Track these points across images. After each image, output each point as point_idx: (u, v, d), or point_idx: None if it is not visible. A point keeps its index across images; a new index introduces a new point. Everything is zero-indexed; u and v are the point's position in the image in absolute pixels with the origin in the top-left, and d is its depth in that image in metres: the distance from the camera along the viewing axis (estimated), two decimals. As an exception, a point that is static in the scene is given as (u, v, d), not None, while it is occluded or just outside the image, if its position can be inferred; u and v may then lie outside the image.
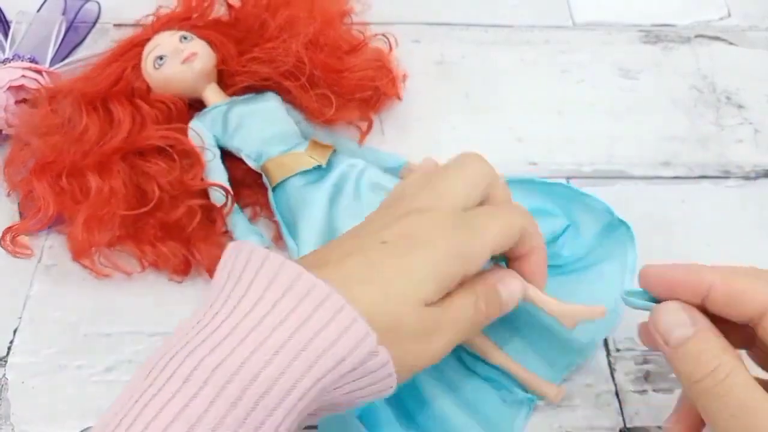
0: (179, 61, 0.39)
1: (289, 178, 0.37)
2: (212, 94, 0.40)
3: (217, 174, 0.38)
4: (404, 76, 0.44)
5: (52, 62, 0.44)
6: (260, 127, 0.39)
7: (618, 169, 0.43)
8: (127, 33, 0.44)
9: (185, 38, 0.40)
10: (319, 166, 0.38)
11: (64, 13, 0.46)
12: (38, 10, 0.47)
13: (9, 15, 0.46)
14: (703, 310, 0.25)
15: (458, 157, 0.31)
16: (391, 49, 0.44)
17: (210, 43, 0.41)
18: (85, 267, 0.37)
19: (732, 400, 0.23)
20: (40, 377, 0.34)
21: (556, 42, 0.48)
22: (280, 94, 0.41)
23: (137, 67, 0.41)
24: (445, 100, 0.45)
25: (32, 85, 0.41)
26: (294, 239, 0.37)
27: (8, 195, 0.40)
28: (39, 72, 0.42)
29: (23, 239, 0.38)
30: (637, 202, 0.41)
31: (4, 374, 0.34)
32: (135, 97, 0.40)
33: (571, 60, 0.47)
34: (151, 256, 0.37)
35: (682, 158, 0.43)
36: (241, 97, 0.41)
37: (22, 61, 0.43)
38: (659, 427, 0.33)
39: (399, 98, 0.43)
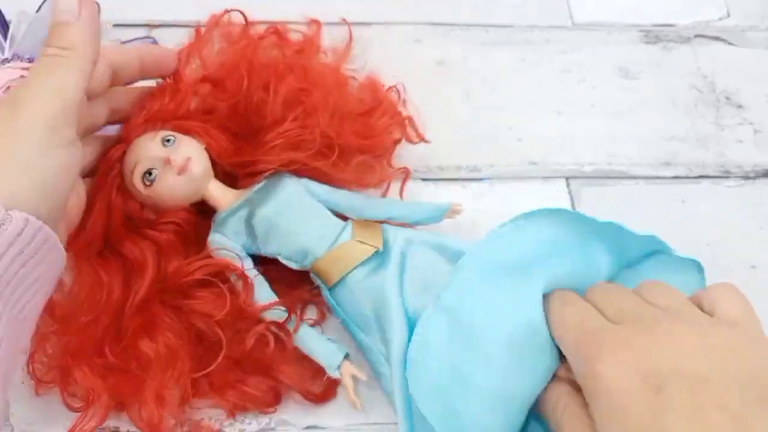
0: (174, 173, 0.33)
1: (348, 273, 0.34)
2: (217, 192, 0.35)
3: (262, 288, 0.34)
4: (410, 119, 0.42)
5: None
6: (295, 226, 0.34)
7: (618, 169, 0.43)
8: (127, 33, 0.44)
9: (168, 141, 0.34)
10: (377, 251, 0.34)
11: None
12: (37, 10, 0.47)
13: (8, 15, 0.46)
14: None
15: None
16: (399, 96, 0.42)
17: (195, 136, 0.35)
18: None
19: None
20: (40, 377, 0.34)
21: (556, 42, 0.48)
22: (293, 172, 0.36)
23: (121, 187, 0.34)
24: (445, 100, 0.45)
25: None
26: (367, 334, 0.34)
27: (38, 394, 0.33)
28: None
29: None
30: (637, 202, 0.41)
31: (4, 374, 0.34)
32: (140, 227, 0.34)
33: (571, 60, 0.47)
34: (236, 400, 0.33)
35: (682, 158, 0.44)
36: (257, 193, 0.35)
37: (22, 61, 0.43)
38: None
39: (427, 141, 0.42)
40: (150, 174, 0.33)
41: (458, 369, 0.30)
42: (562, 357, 0.29)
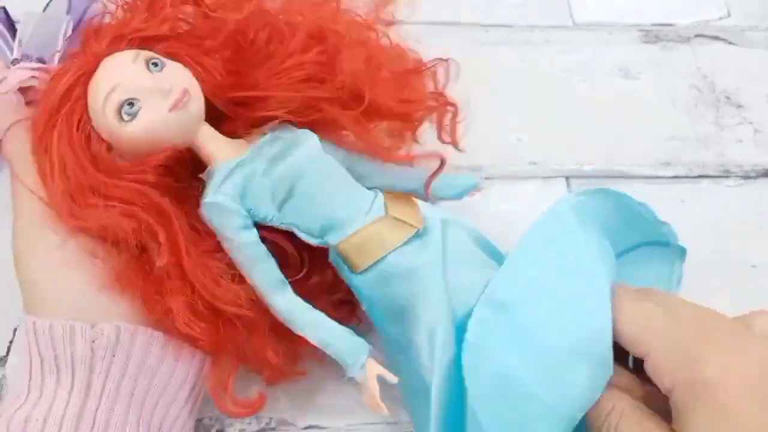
0: (166, 107, 0.26)
1: (383, 257, 0.28)
2: (211, 140, 0.28)
3: (267, 267, 0.28)
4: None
5: (59, 62, 0.44)
6: (320, 191, 0.28)
7: (618, 169, 0.43)
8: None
9: (154, 65, 0.27)
10: (417, 231, 0.28)
11: (68, 13, 0.47)
12: (44, 10, 0.47)
13: (15, 15, 0.46)
14: None
15: None
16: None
17: (185, 64, 0.29)
18: None
19: None
20: (43, 374, 0.34)
21: (557, 42, 0.48)
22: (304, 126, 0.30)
23: (82, 123, 0.27)
24: (445, 100, 0.45)
25: (42, 86, 0.41)
26: (400, 327, 0.28)
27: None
28: (48, 72, 0.42)
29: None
30: (636, 201, 0.42)
31: (4, 374, 0.34)
32: (116, 173, 0.27)
33: (571, 60, 0.47)
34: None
35: (682, 158, 0.44)
36: (270, 144, 0.28)
37: (31, 61, 0.43)
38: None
39: (460, 149, 0.40)
40: (132, 106, 0.26)
41: (513, 378, 0.26)
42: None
